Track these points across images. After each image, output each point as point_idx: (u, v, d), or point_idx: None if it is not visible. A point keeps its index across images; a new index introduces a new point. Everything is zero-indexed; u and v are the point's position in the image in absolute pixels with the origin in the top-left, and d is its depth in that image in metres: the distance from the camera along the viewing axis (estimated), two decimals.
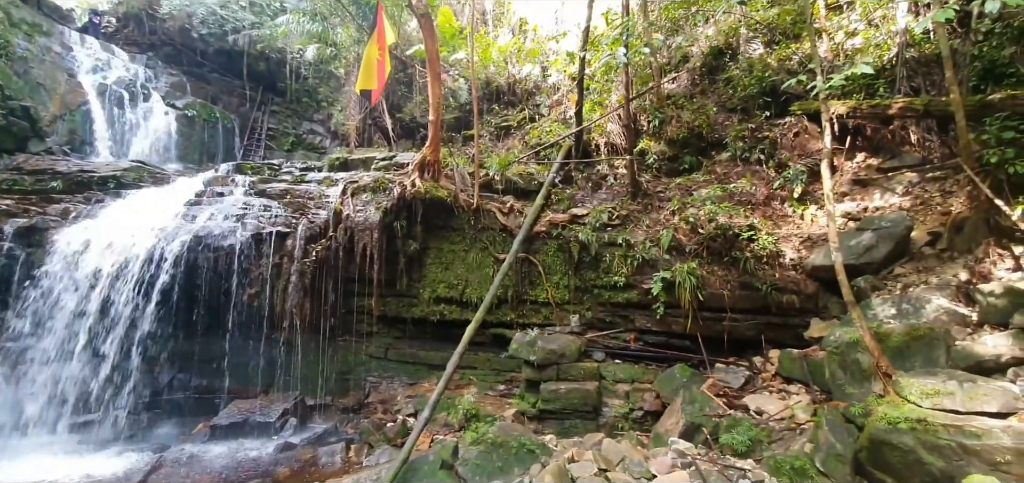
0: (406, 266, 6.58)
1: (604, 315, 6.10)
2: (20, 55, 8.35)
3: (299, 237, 6.10)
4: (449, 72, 11.60)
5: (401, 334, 6.85)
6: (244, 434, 5.35)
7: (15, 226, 6.05)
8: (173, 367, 6.03)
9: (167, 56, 12.13)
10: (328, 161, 8.83)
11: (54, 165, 7.27)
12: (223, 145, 11.24)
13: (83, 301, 5.29)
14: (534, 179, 7.50)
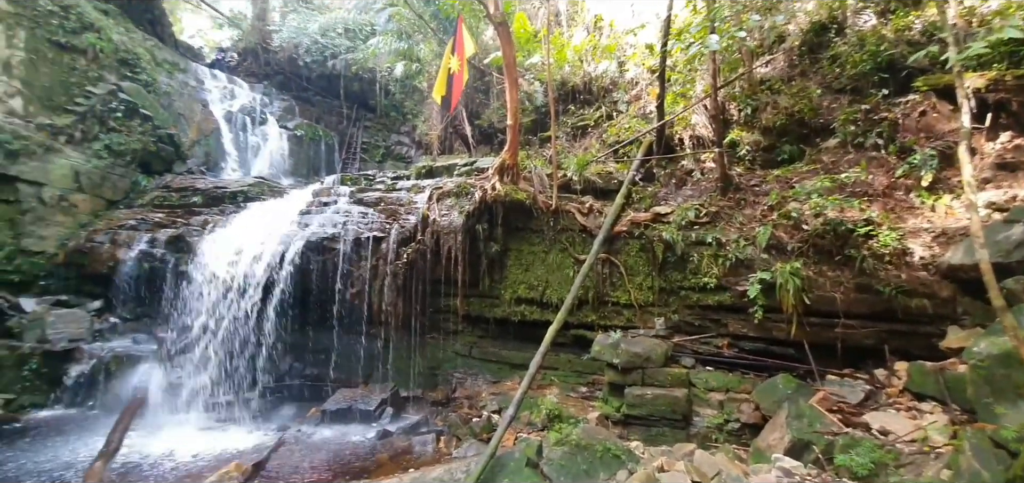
0: (488, 267, 6.80)
1: (692, 318, 5.79)
2: (164, 90, 9.96)
3: (392, 241, 6.58)
4: (524, 76, 11.77)
5: (484, 333, 7.09)
6: (349, 420, 5.89)
7: (166, 235, 7.26)
8: (290, 357, 6.81)
9: (279, 84, 13.77)
10: (415, 169, 9.41)
11: (194, 183, 8.60)
12: (325, 160, 12.49)
13: (220, 298, 6.19)
14: (613, 178, 7.34)
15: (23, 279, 7.01)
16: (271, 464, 4.67)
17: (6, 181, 7.03)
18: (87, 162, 7.93)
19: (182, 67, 10.68)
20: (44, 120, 7.98)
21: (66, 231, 7.44)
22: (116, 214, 7.73)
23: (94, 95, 8.50)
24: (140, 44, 9.78)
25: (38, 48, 8.10)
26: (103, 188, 8.03)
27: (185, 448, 5.01)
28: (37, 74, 8.06)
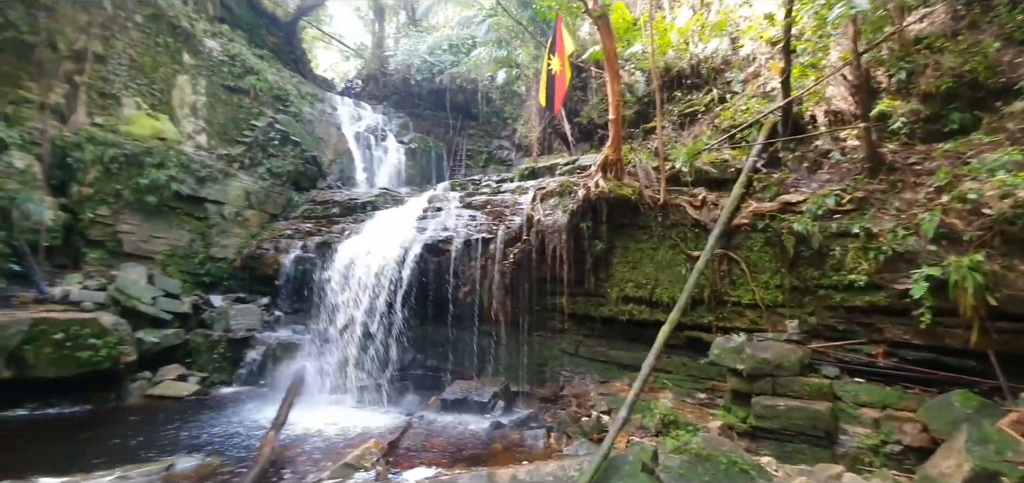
0: (593, 266, 6.73)
1: (834, 321, 5.07)
2: (308, 119, 11.62)
3: (499, 242, 6.87)
4: (625, 67, 11.38)
5: (590, 332, 7.03)
6: (465, 410, 6.28)
7: (314, 242, 8.47)
8: (413, 349, 7.47)
9: (395, 103, 15.24)
10: (518, 171, 9.68)
11: (333, 196, 9.92)
12: (436, 168, 13.51)
13: (357, 295, 7.05)
14: (730, 166, 6.74)
15: (212, 280, 8.76)
16: (402, 444, 5.18)
17: (197, 202, 8.84)
18: (255, 183, 9.62)
19: (320, 97, 12.39)
20: (222, 151, 9.89)
21: (241, 241, 9.12)
22: (277, 225, 9.27)
23: (257, 127, 10.28)
24: (288, 81, 11.57)
25: (215, 92, 10.06)
26: (267, 204, 9.68)
27: (333, 424, 5.77)
28: (215, 113, 10.00)
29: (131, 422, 5.71)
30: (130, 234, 7.79)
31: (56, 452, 4.74)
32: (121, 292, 6.74)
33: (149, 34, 9.15)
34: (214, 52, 10.02)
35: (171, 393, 6.47)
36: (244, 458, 4.82)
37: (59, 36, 8.07)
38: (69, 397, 5.95)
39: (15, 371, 5.38)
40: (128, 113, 8.57)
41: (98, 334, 5.93)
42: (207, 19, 10.76)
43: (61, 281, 6.77)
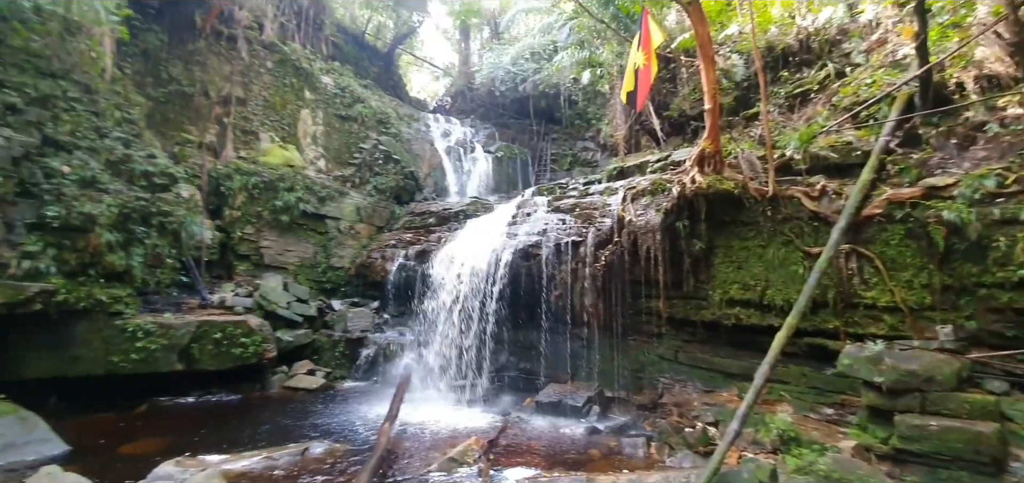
0: (692, 267, 6.37)
1: (1001, 326, 4.23)
2: (406, 138, 12.59)
3: (589, 245, 6.81)
4: (719, 51, 10.62)
5: (691, 337, 6.65)
6: (559, 413, 6.31)
7: (414, 250, 9.14)
8: (506, 351, 7.69)
9: (481, 115, 15.89)
10: (605, 172, 9.53)
11: (429, 207, 10.63)
12: (521, 175, 13.82)
13: (453, 300, 7.46)
14: (854, 149, 5.94)
15: (332, 286, 9.87)
16: (500, 443, 5.37)
17: (319, 218, 10.03)
18: (364, 199, 10.68)
19: (415, 117, 13.40)
20: (337, 172, 11.12)
21: (354, 251, 10.16)
22: (382, 237, 10.19)
23: (364, 149, 11.41)
24: (388, 105, 12.69)
25: (330, 121, 11.36)
26: (374, 217, 10.69)
27: (440, 421, 6.16)
28: (331, 140, 11.30)
29: (272, 409, 6.66)
30: (269, 248, 9.12)
31: (217, 433, 5.68)
32: (264, 298, 7.91)
33: (278, 77, 10.67)
34: (329, 87, 11.36)
35: (303, 385, 7.41)
36: (364, 445, 5.36)
37: (210, 85, 9.77)
38: (225, 387, 7.12)
39: (185, 364, 6.56)
40: (264, 146, 10.08)
41: (247, 334, 7.02)
42: (322, 58, 12.25)
43: (218, 289, 8.13)
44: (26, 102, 5.86)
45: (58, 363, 5.75)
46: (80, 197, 5.79)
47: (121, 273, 6.15)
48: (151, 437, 5.36)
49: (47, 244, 5.51)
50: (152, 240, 6.65)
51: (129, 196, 6.34)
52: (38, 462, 4.40)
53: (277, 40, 10.81)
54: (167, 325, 6.39)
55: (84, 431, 5.26)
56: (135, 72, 8.61)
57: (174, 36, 9.32)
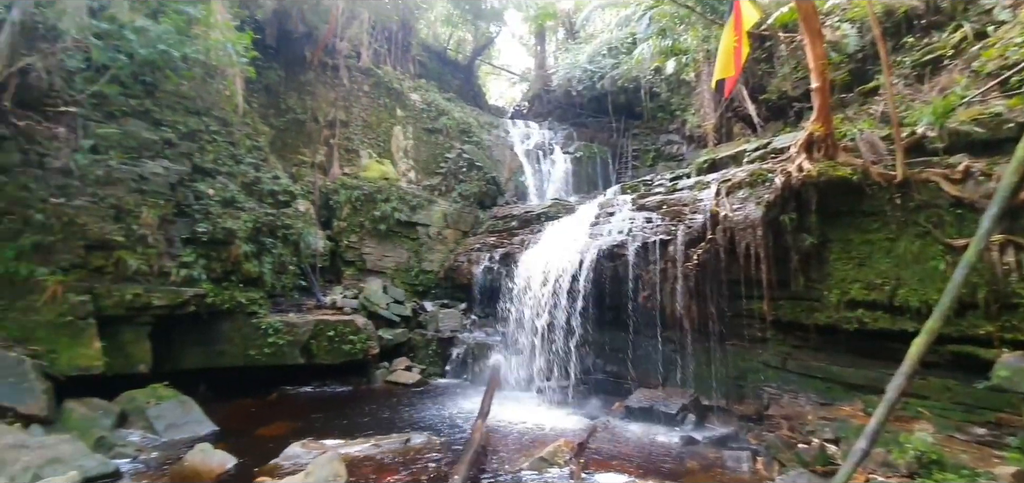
0: (801, 264, 5.76)
1: None
2: (487, 145, 12.99)
3: (679, 243, 6.48)
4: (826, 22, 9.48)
5: (801, 342, 6.02)
6: (651, 419, 6.07)
7: (498, 254, 9.39)
8: (593, 354, 7.58)
9: (558, 117, 15.88)
10: (695, 165, 9.00)
11: (511, 211, 10.87)
12: (601, 174, 13.56)
13: (537, 302, 7.54)
14: (1005, 121, 4.95)
15: (424, 289, 10.49)
16: (590, 445, 5.30)
17: (411, 226, 10.72)
18: (450, 206, 11.24)
19: (495, 124, 13.79)
20: (426, 182, 11.82)
21: (442, 255, 10.72)
22: (468, 241, 10.63)
23: (449, 159, 12.01)
24: (470, 115, 13.21)
25: (419, 135, 12.12)
26: (460, 223, 11.20)
27: (527, 420, 6.24)
28: (420, 152, 12.04)
29: (376, 401, 7.25)
30: (370, 254, 9.99)
31: (332, 419, 6.32)
32: (367, 300, 8.67)
33: (373, 98, 11.67)
34: (417, 103, 12.16)
35: (402, 380, 7.98)
36: (458, 438, 5.62)
37: (319, 111, 10.95)
38: (338, 379, 7.90)
39: (306, 358, 7.40)
40: (364, 162, 11.08)
41: (355, 332, 7.73)
42: (410, 77, 13.15)
43: (330, 292, 9.06)
44: (178, 137, 7.06)
45: (207, 356, 6.81)
46: (223, 215, 6.84)
47: (255, 279, 7.15)
48: (281, 421, 6.14)
49: (198, 255, 6.57)
50: (278, 250, 7.65)
51: (260, 212, 7.36)
52: (194, 439, 5.24)
53: (372, 65, 11.83)
54: (291, 324, 7.28)
55: (228, 414, 6.17)
56: (260, 105, 9.96)
57: (289, 71, 10.64)
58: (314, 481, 3.68)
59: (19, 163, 5.64)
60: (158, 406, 5.54)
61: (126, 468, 4.53)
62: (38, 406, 4.84)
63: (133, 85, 6.68)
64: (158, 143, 6.61)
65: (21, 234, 5.42)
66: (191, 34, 6.61)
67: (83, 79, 6.18)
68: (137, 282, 5.90)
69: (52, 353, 5.30)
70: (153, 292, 5.97)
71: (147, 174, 6.28)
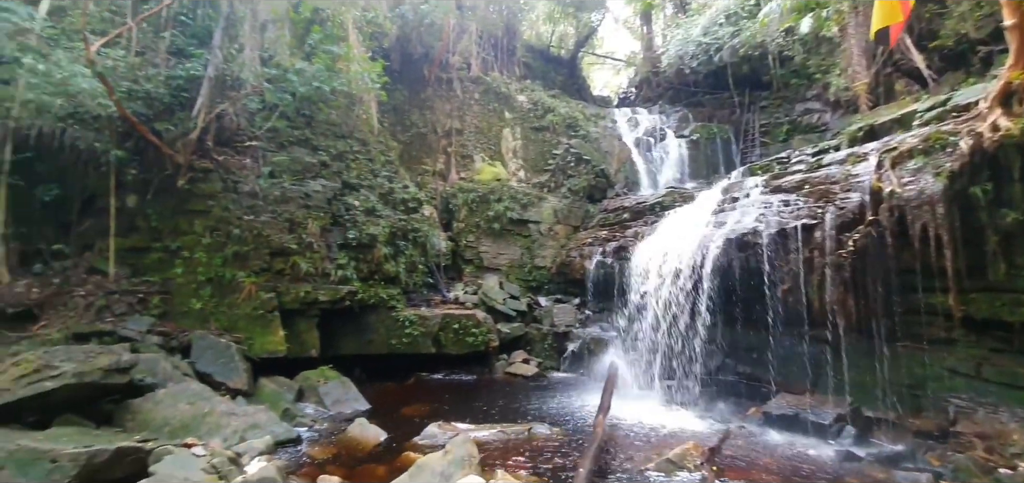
0: (1001, 246, 4.62)
1: None
2: (594, 137, 12.76)
3: (827, 227, 5.64)
4: None
5: (1003, 345, 4.84)
6: (796, 429, 5.41)
7: (611, 247, 9.18)
8: (721, 353, 7.01)
9: (670, 99, 14.92)
10: (846, 134, 7.75)
11: (622, 203, 10.54)
12: (722, 156, 12.41)
13: (656, 295, 7.21)
14: None
15: (537, 284, 10.72)
16: (722, 451, 4.92)
17: (522, 223, 11.03)
18: (559, 202, 11.33)
19: (601, 115, 13.49)
20: (535, 180, 12.06)
21: (554, 251, 10.85)
22: (579, 236, 10.60)
23: (557, 155, 12.09)
24: (576, 109, 13.12)
25: (526, 135, 12.41)
26: (569, 218, 11.22)
27: (648, 420, 6.01)
28: (528, 151, 12.32)
29: (498, 391, 7.65)
30: (486, 252, 10.56)
31: (460, 405, 6.82)
32: (485, 295, 9.19)
33: (483, 104, 12.28)
34: (523, 104, 12.48)
35: (520, 372, 8.29)
36: (578, 432, 5.67)
37: (437, 123, 11.88)
38: (463, 369, 8.50)
39: (436, 348, 8.10)
40: (478, 166, 11.74)
41: (476, 325, 8.25)
42: (516, 79, 13.54)
43: (453, 288, 9.79)
44: (331, 158, 8.27)
45: (359, 344, 7.87)
46: (366, 222, 7.86)
47: (393, 277, 8.09)
48: (419, 403, 6.85)
49: (350, 258, 7.63)
50: (409, 251, 8.54)
51: (394, 219, 8.31)
52: (353, 414, 6.11)
53: (481, 73, 12.45)
54: (423, 317, 8.07)
55: (376, 395, 7.05)
56: (389, 124, 11.16)
57: (411, 90, 11.74)
58: (452, 459, 4.02)
59: (221, 190, 7.15)
60: (326, 385, 6.59)
61: (305, 435, 5.47)
62: (242, 381, 6.10)
63: (296, 118, 8.03)
64: (316, 165, 7.87)
65: (225, 245, 6.87)
66: (337, 69, 7.68)
67: (260, 117, 7.61)
68: (307, 281, 7.09)
69: (249, 339, 6.62)
70: (319, 289, 7.13)
71: (310, 192, 7.51)
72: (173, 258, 6.77)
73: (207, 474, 3.94)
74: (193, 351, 6.07)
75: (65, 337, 5.62)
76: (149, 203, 6.88)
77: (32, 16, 5.98)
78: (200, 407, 5.02)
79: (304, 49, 7.93)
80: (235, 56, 7.14)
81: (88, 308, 6.10)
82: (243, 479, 3.95)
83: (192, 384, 5.43)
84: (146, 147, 6.74)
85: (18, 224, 6.40)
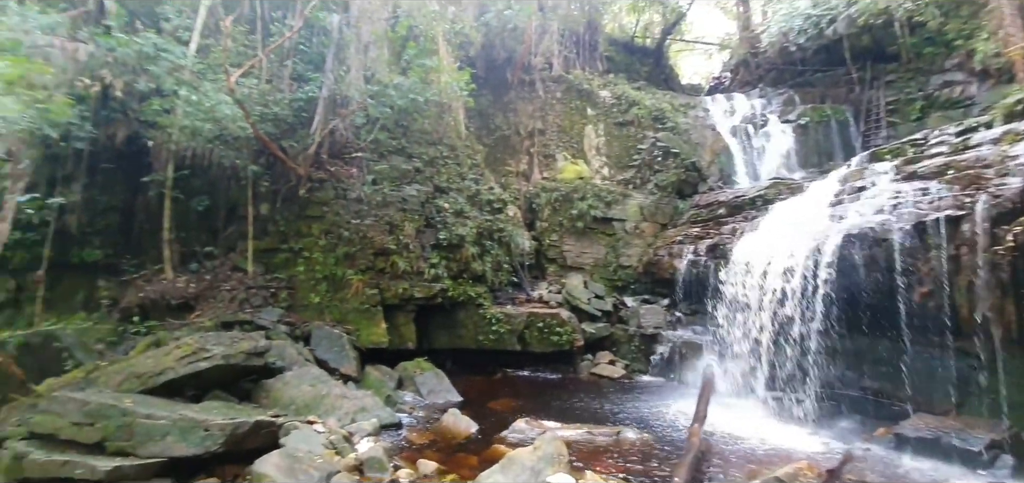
0: None
1: None
2: (684, 129, 12.03)
3: (979, 219, 4.75)
4: None
5: None
6: (937, 455, 4.64)
7: (704, 245, 8.62)
8: (841, 364, 6.22)
9: (772, 81, 13.57)
10: (1000, 109, 6.48)
11: (717, 197, 9.83)
12: (839, 140, 11.01)
13: (760, 298, 6.62)
14: None
15: (623, 284, 10.41)
16: (844, 476, 4.39)
17: (606, 222, 10.77)
18: (645, 198, 10.89)
19: (691, 105, 12.70)
20: (619, 177, 11.73)
21: (640, 250, 10.46)
22: (667, 233, 10.10)
23: (642, 150, 11.63)
24: (662, 100, 12.50)
25: (610, 131, 12.10)
26: (657, 215, 10.73)
27: (749, 433, 5.56)
28: (611, 148, 12.02)
29: (583, 391, 7.58)
30: (569, 251, 10.51)
31: (545, 403, 6.89)
32: (569, 295, 9.17)
33: (565, 103, 12.24)
34: (606, 99, 12.20)
35: (606, 374, 8.14)
36: (669, 438, 5.44)
37: (520, 125, 12.09)
38: (548, 367, 8.57)
39: (521, 345, 8.27)
40: (560, 165, 11.74)
41: (561, 324, 8.27)
42: (598, 74, 13.28)
43: (537, 287, 9.90)
44: (423, 164, 8.85)
45: (450, 338, 8.32)
46: (455, 223, 8.29)
47: (480, 276, 8.44)
48: (506, 398, 7.05)
49: (441, 257, 8.10)
50: (495, 251, 8.83)
51: (481, 219, 8.65)
52: (446, 405, 6.47)
53: (562, 72, 12.41)
54: (509, 315, 8.31)
55: (466, 387, 7.39)
56: (475, 128, 11.60)
57: (495, 94, 12.10)
58: (542, 455, 4.09)
59: (333, 197, 8.01)
60: (422, 375, 7.08)
61: (405, 421, 5.93)
62: (352, 368, 6.78)
63: (394, 129, 8.74)
64: (411, 171, 8.50)
65: (337, 246, 7.69)
66: (429, 81, 8.20)
67: (365, 131, 8.38)
68: (404, 279, 7.69)
69: (357, 331, 7.34)
70: (415, 287, 7.71)
71: (406, 196, 8.14)
72: (296, 258, 7.75)
73: (326, 449, 4.46)
74: (312, 339, 6.89)
75: (214, 325, 6.70)
76: (277, 210, 7.94)
77: (185, 54, 7.23)
78: (319, 389, 5.68)
79: (400, 64, 8.58)
80: (343, 77, 7.95)
81: (232, 300, 7.21)
82: (355, 456, 4.41)
83: (312, 369, 6.17)
84: (275, 162, 7.79)
85: (179, 230, 7.77)
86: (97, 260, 7.55)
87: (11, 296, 7.29)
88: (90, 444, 3.91)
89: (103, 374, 5.12)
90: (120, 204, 7.83)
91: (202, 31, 7.50)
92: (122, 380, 4.89)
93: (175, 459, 3.94)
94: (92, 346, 6.22)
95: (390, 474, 4.24)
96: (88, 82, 6.59)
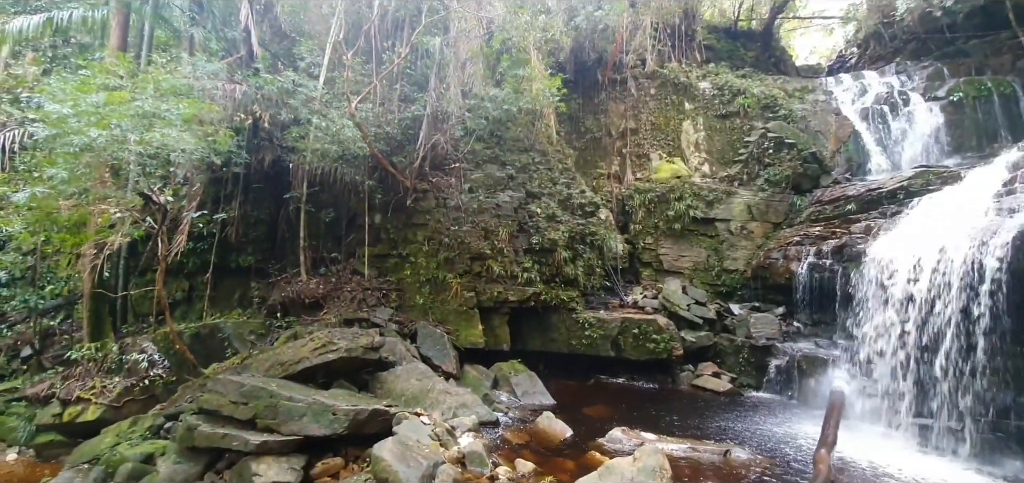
0: None
1: None
2: (800, 116, 10.75)
3: None
4: None
5: None
6: None
7: (829, 246, 7.64)
8: (1010, 388, 5.13)
9: (912, 53, 11.58)
10: None
11: (844, 191, 8.65)
12: (1003, 118, 9.00)
13: (905, 307, 5.69)
14: None
15: (727, 290, 9.64)
16: None
17: (708, 222, 10.06)
18: (754, 196, 9.96)
19: (809, 88, 11.32)
20: (722, 174, 10.88)
21: (748, 252, 9.59)
22: (781, 233, 9.13)
23: (749, 143, 10.66)
24: (772, 87, 11.32)
25: (710, 125, 11.28)
26: (768, 214, 9.75)
27: (889, 464, 4.84)
28: (712, 143, 11.19)
29: (683, 403, 7.16)
30: (666, 254, 10.01)
31: (642, 412, 6.63)
32: (667, 300, 8.73)
33: (660, 99, 11.69)
34: (706, 91, 11.41)
35: (709, 386, 7.60)
36: (788, 463, 4.91)
37: (611, 126, 11.83)
38: (644, 375, 8.25)
39: (615, 352, 8.06)
40: (655, 164, 11.25)
41: (657, 331, 7.92)
42: (697, 65, 12.47)
43: (631, 292, 9.60)
44: (516, 171, 9.10)
45: (543, 342, 8.43)
46: (547, 228, 8.40)
47: (572, 280, 8.44)
48: (599, 404, 6.95)
49: (533, 261, 8.26)
50: (587, 254, 8.77)
51: (573, 223, 8.66)
52: (540, 407, 6.57)
53: (656, 67, 11.88)
54: (602, 320, 8.18)
55: (559, 391, 7.43)
56: (565, 132, 11.64)
57: (585, 96, 12.02)
58: (642, 467, 3.96)
59: (434, 206, 8.61)
60: (516, 377, 7.29)
61: (502, 420, 6.14)
62: (453, 366, 7.21)
63: (489, 138, 9.14)
64: (504, 179, 8.82)
65: (438, 252, 8.24)
66: (521, 90, 8.45)
67: (462, 142, 8.89)
68: (499, 283, 8.01)
69: (457, 331, 7.79)
70: (508, 290, 7.98)
71: (500, 203, 8.46)
72: (404, 262, 8.49)
73: (432, 440, 4.81)
74: (418, 337, 7.47)
75: (339, 322, 7.59)
76: (388, 219, 8.78)
77: (316, 87, 8.34)
78: (425, 384, 6.16)
79: (495, 77, 8.96)
80: (444, 93, 8.54)
81: (352, 300, 8.11)
82: (458, 450, 4.69)
83: (419, 364, 6.70)
84: (386, 176, 8.62)
85: (311, 239, 8.95)
86: (250, 264, 9.05)
87: (185, 295, 9.10)
88: (244, 420, 4.68)
89: (255, 361, 6.11)
90: (267, 217, 9.30)
91: (328, 66, 8.59)
92: (269, 366, 5.79)
93: (309, 437, 4.55)
94: (246, 337, 7.45)
95: (490, 470, 4.44)
96: (243, 116, 7.97)
